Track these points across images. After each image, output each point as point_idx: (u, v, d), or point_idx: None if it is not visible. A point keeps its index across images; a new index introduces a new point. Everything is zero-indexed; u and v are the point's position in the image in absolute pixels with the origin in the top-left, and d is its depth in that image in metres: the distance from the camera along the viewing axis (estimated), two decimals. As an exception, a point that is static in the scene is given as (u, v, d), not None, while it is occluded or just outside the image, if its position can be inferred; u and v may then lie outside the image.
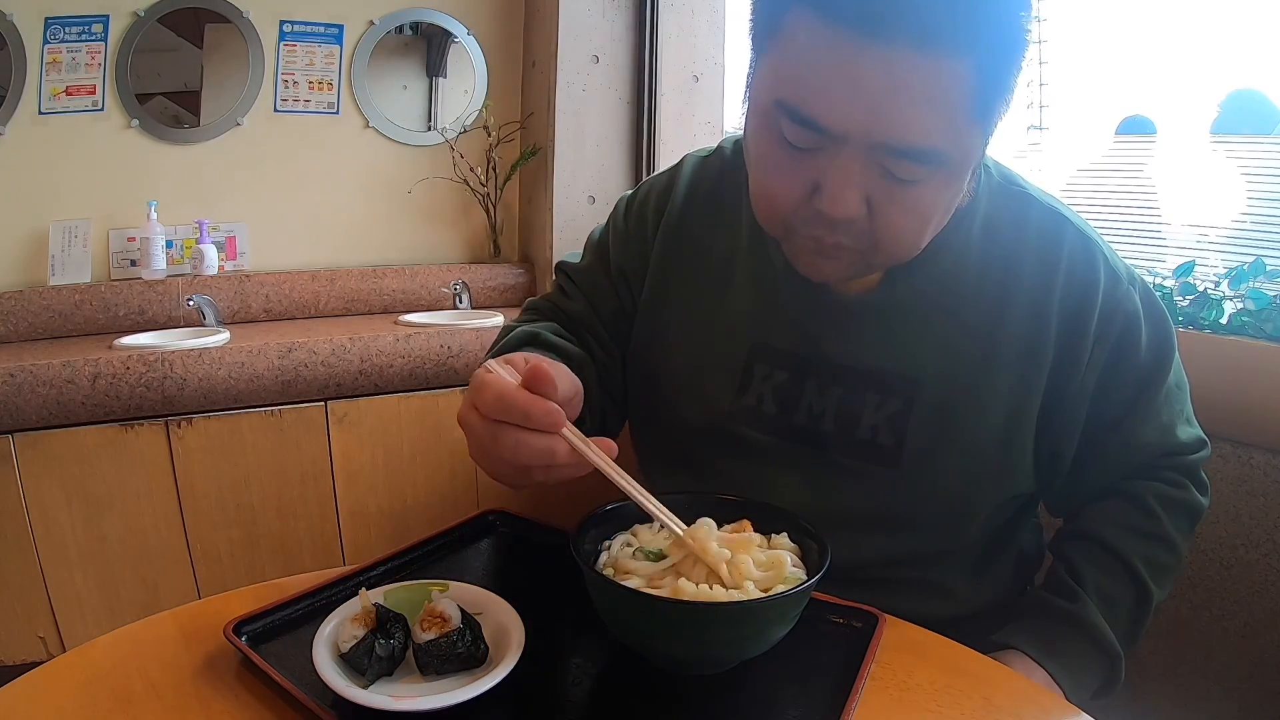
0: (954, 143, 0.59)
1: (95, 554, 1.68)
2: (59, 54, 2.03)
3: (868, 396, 0.75)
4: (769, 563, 0.58)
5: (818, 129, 0.59)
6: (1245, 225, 1.43)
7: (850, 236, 0.64)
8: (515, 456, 0.56)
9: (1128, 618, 0.77)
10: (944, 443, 0.73)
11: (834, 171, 0.60)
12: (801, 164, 0.62)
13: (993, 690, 0.60)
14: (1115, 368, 0.75)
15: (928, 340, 0.74)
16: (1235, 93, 1.57)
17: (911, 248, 0.66)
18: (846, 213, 0.61)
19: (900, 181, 0.60)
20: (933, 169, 0.60)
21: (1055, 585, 0.79)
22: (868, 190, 0.61)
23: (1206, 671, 1.17)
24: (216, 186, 2.23)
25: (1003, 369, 0.73)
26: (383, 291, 2.40)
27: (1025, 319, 0.73)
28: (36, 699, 0.55)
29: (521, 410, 0.55)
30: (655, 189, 0.87)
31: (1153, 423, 0.78)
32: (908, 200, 0.61)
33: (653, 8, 2.36)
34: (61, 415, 1.62)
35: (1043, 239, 0.74)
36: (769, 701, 0.57)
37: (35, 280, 2.05)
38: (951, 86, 0.56)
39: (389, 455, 1.95)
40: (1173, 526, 0.79)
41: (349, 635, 0.55)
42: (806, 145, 0.60)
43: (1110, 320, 0.73)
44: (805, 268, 0.69)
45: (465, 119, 2.49)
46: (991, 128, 0.61)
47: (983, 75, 0.57)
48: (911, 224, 0.63)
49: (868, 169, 0.60)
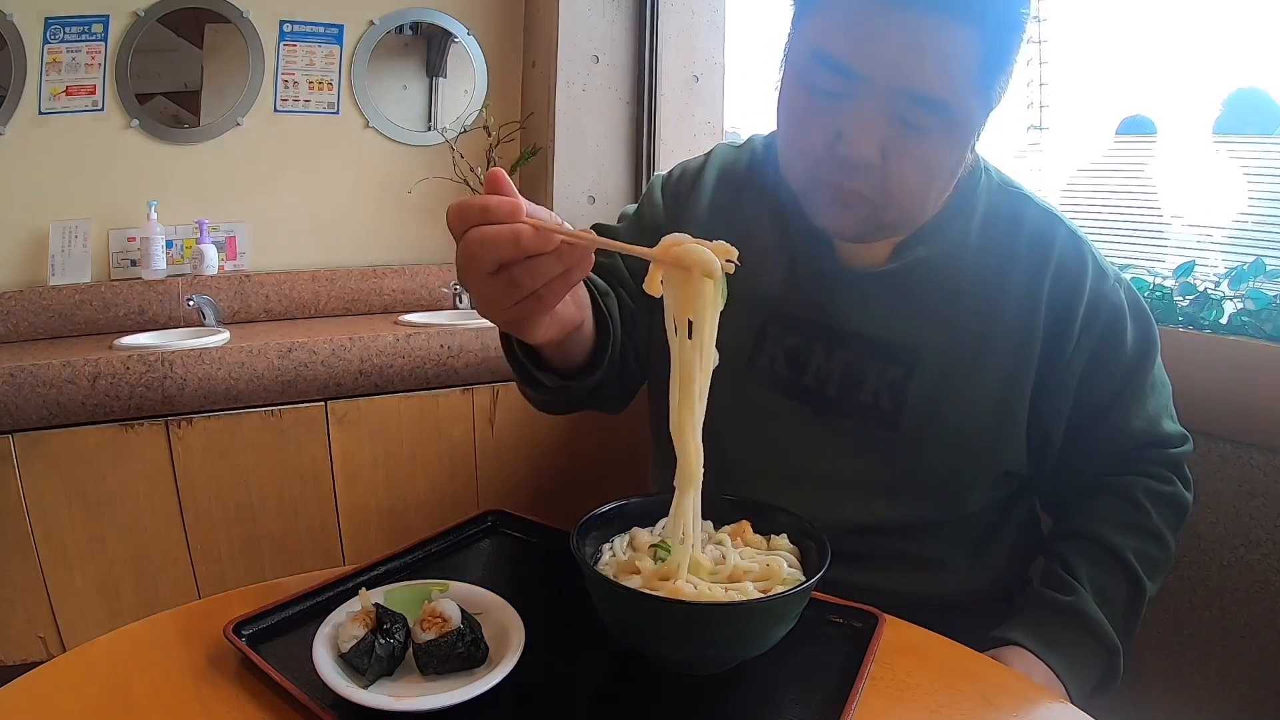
0: (961, 100, 0.68)
1: (95, 554, 1.68)
2: (59, 54, 2.02)
3: (871, 363, 0.80)
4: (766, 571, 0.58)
5: (849, 73, 0.68)
6: (1245, 225, 1.43)
7: (866, 184, 0.71)
8: (483, 252, 0.54)
9: (1123, 610, 0.79)
10: (941, 410, 0.79)
11: (856, 119, 0.68)
12: (828, 112, 0.70)
13: (993, 690, 0.60)
14: (1101, 356, 0.81)
15: (930, 315, 0.80)
16: (1238, 91, 1.57)
17: (919, 204, 0.74)
18: (865, 156, 0.69)
19: (913, 129, 0.68)
20: (940, 121, 0.68)
21: (1051, 580, 0.82)
22: (883, 138, 0.68)
23: (1206, 671, 1.17)
24: (216, 186, 2.23)
25: (997, 349, 0.79)
26: (383, 291, 2.40)
27: (1018, 306, 0.79)
28: (36, 699, 0.55)
29: (479, 206, 0.54)
30: (689, 169, 0.94)
31: (1139, 412, 0.83)
32: (917, 151, 0.70)
33: (653, 8, 2.36)
34: (61, 415, 1.62)
35: (1037, 235, 0.81)
36: (769, 701, 0.57)
37: (35, 280, 2.05)
38: (962, 50, 0.66)
39: (389, 455, 1.94)
40: (1161, 520, 0.83)
41: (349, 635, 0.55)
42: (836, 90, 0.69)
43: (1096, 310, 0.80)
44: (824, 218, 0.76)
45: (465, 119, 2.49)
46: (991, 100, 0.70)
47: (988, 46, 0.66)
48: (918, 175, 0.71)
49: (886, 116, 0.68)
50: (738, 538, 0.63)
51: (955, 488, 0.82)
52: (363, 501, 1.93)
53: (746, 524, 0.64)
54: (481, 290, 0.58)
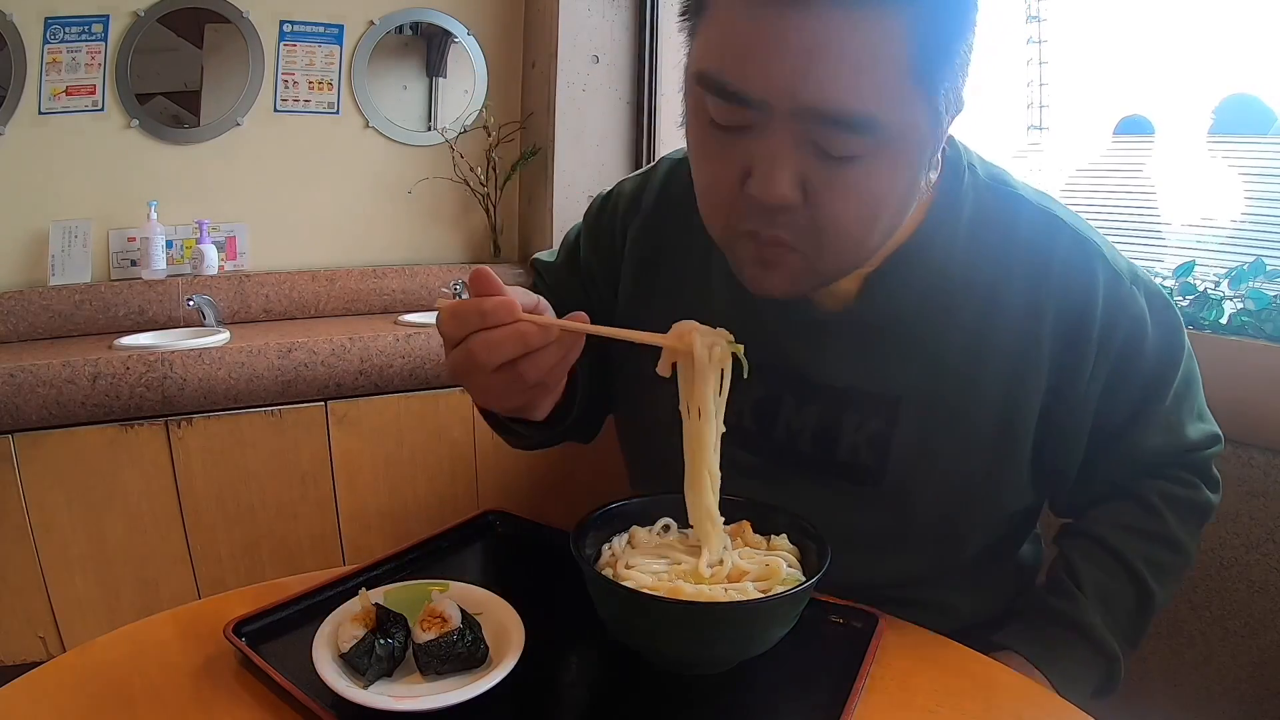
0: (891, 109, 0.54)
1: (95, 554, 1.68)
2: (59, 54, 2.02)
3: (847, 416, 0.71)
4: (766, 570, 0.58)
5: (741, 99, 0.55)
6: (1245, 225, 1.43)
7: (790, 230, 0.59)
8: (491, 357, 0.54)
9: (1127, 619, 0.76)
10: (929, 461, 0.70)
11: (763, 151, 0.56)
12: (732, 148, 0.58)
13: (993, 690, 0.60)
14: (1120, 374, 0.70)
15: (909, 358, 0.70)
16: (1230, 98, 1.58)
17: (859, 244, 0.61)
18: (778, 195, 0.56)
19: (837, 160, 0.56)
20: (870, 141, 0.55)
21: (1053, 585, 0.78)
22: (802, 171, 0.56)
23: (1206, 671, 1.17)
24: (216, 186, 2.23)
25: (991, 387, 0.69)
26: (383, 291, 2.40)
27: (1016, 331, 0.68)
28: (36, 699, 0.55)
29: (475, 311, 0.54)
30: (625, 192, 0.84)
31: (1159, 427, 0.74)
32: (848, 182, 0.57)
33: (653, 8, 2.36)
34: (61, 415, 1.62)
35: (1034, 242, 0.69)
36: (769, 701, 0.57)
37: (35, 280, 2.05)
38: (882, 45, 0.52)
39: (389, 455, 1.94)
40: (1178, 525, 0.76)
41: (349, 635, 0.55)
42: (733, 123, 0.57)
43: (1113, 327, 0.69)
44: (749, 280, 0.64)
45: (465, 119, 2.49)
46: (939, 96, 0.56)
47: (921, 33, 0.53)
48: (854, 212, 0.58)
49: (800, 147, 0.55)
50: (738, 538, 0.63)
51: (949, 538, 0.74)
52: (363, 501, 1.93)
53: (747, 524, 0.64)
54: (485, 387, 0.58)
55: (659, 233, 0.80)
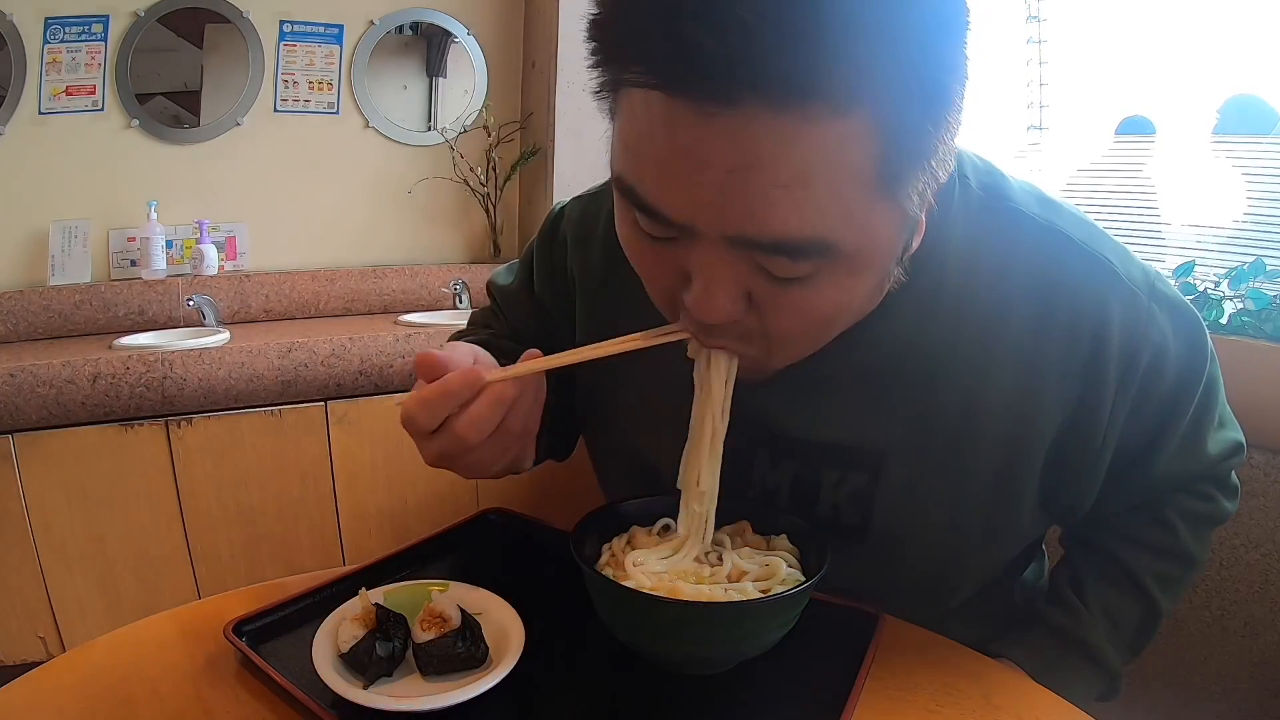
0: (845, 228, 0.44)
1: (95, 554, 1.68)
2: (59, 54, 2.02)
3: (826, 472, 0.65)
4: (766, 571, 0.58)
5: (663, 219, 0.46)
6: (1245, 225, 1.43)
7: (738, 338, 0.52)
8: (479, 434, 0.54)
9: (1132, 634, 0.73)
10: (917, 516, 0.64)
11: (699, 264, 0.47)
12: (666, 253, 0.50)
13: (993, 690, 0.60)
14: (1139, 406, 0.63)
15: (894, 408, 0.62)
16: (1234, 98, 1.58)
17: (815, 345, 0.55)
18: (718, 316, 0.48)
19: (784, 280, 0.47)
20: (822, 261, 0.46)
21: (1055, 595, 0.75)
22: (746, 286, 0.48)
23: (1206, 671, 1.17)
24: (216, 186, 2.23)
25: (990, 429, 0.62)
26: (383, 291, 2.40)
27: (1018, 368, 0.60)
28: (36, 699, 0.55)
29: (442, 395, 0.53)
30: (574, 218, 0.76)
31: (1175, 451, 0.68)
32: (797, 300, 0.48)
33: (653, 8, 2.36)
34: (61, 415, 1.62)
35: (1037, 266, 0.60)
36: (769, 701, 0.57)
37: (35, 280, 2.05)
38: (833, 153, 0.42)
39: (389, 455, 1.94)
40: (1192, 539, 0.73)
41: (349, 635, 0.55)
42: (660, 235, 0.49)
43: (1133, 358, 0.61)
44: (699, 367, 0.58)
45: (465, 119, 2.49)
46: (910, 200, 0.46)
47: (888, 129, 0.42)
48: (806, 326, 0.51)
49: (740, 263, 0.47)
50: (738, 538, 0.63)
51: (940, 590, 0.70)
52: (363, 501, 1.93)
53: (746, 524, 0.64)
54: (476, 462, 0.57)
55: (614, 263, 0.70)
